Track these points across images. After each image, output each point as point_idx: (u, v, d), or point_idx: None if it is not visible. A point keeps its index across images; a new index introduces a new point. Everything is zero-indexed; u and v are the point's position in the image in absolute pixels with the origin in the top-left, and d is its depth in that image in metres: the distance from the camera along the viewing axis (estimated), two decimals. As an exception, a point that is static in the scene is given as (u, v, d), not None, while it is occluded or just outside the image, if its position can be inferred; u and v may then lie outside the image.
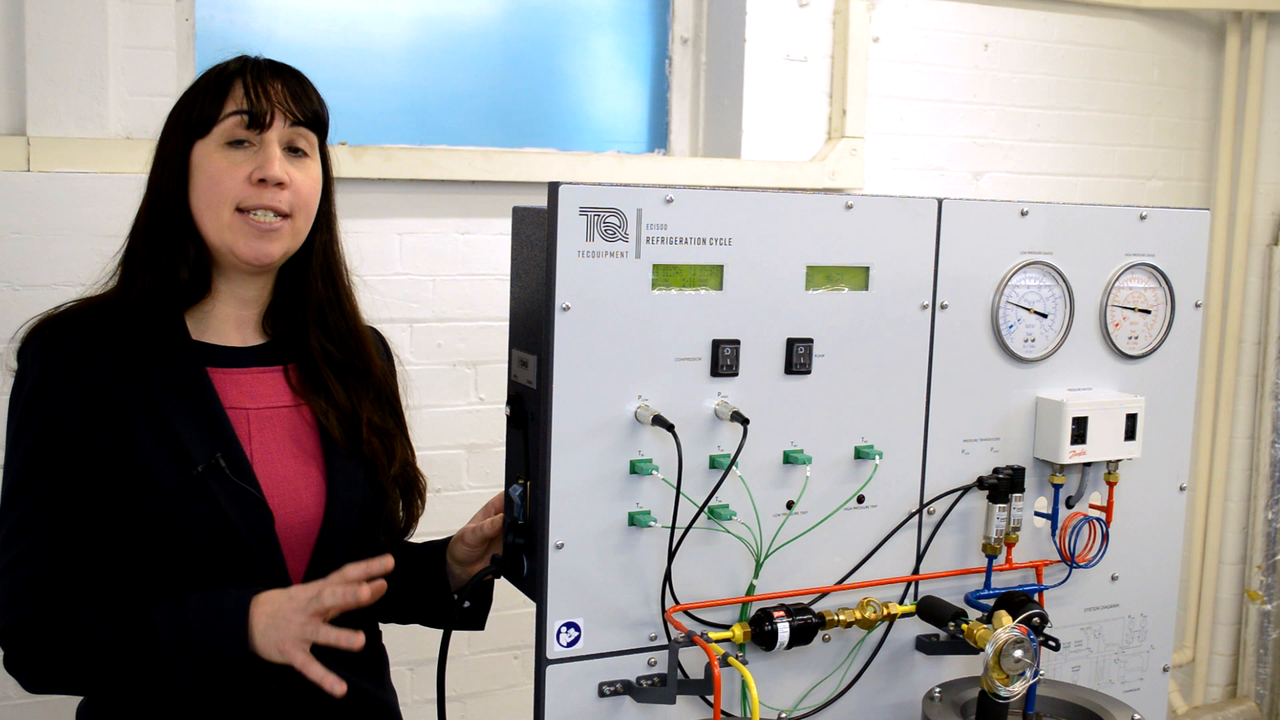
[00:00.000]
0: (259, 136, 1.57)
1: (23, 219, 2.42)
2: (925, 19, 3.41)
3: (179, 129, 1.60)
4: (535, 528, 1.42)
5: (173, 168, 1.59)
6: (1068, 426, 1.65)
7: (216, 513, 1.51)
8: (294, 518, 1.58)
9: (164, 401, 1.53)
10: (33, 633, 1.48)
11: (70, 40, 2.44)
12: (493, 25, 3.04)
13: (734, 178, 3.08)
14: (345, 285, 1.71)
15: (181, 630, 1.45)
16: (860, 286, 1.54)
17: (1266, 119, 3.90)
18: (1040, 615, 1.57)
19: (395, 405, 1.77)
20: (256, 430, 1.60)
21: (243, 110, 1.56)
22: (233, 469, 1.53)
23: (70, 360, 1.52)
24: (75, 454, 1.50)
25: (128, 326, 1.56)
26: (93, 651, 1.47)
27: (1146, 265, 1.74)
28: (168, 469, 1.51)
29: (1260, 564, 4.03)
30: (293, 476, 1.60)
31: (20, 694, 2.50)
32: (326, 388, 1.66)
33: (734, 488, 1.47)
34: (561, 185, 1.35)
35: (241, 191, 1.55)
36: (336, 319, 1.69)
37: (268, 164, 1.55)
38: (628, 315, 1.40)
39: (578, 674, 1.43)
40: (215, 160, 1.56)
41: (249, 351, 1.64)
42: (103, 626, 1.48)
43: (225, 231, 1.56)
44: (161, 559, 1.52)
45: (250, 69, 1.59)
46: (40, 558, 1.49)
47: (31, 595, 1.49)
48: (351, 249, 1.75)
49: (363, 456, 1.65)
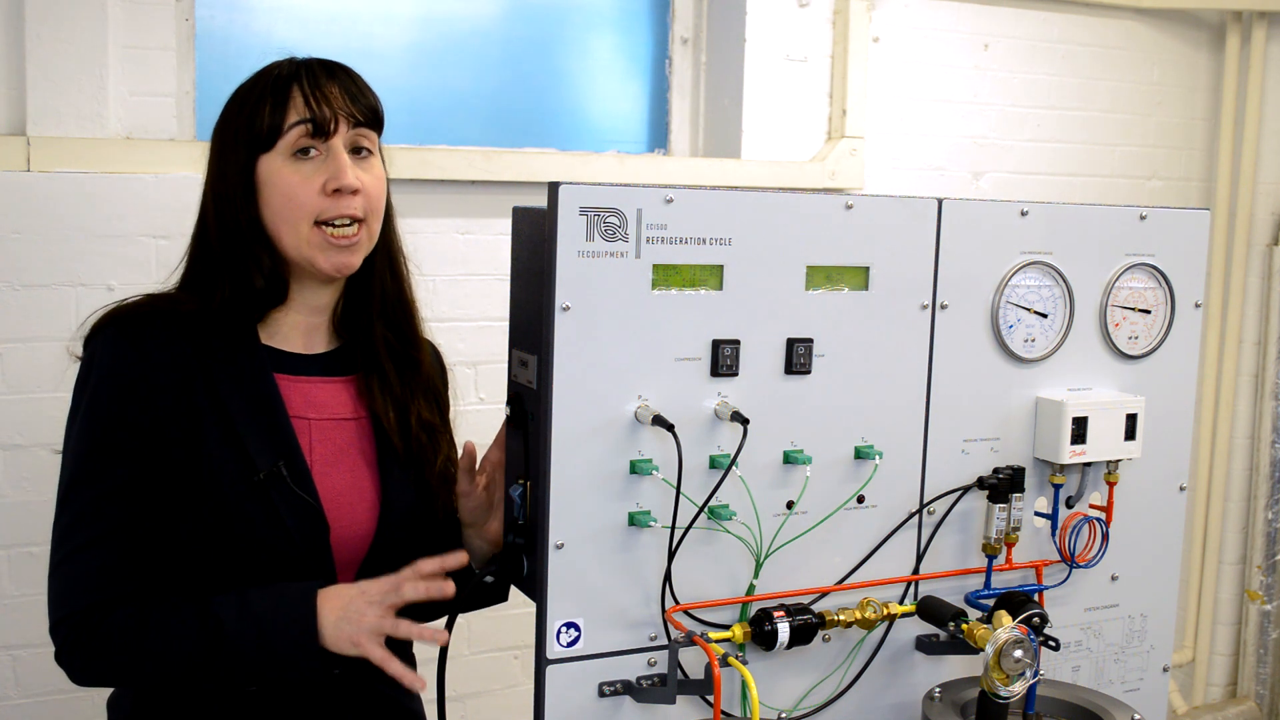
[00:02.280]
0: (325, 144, 1.55)
1: (23, 219, 2.43)
2: (925, 19, 3.41)
3: (239, 142, 1.57)
4: (535, 528, 1.42)
5: (237, 181, 1.57)
6: (1068, 426, 1.65)
7: (274, 520, 1.52)
8: (348, 531, 1.59)
9: (231, 405, 1.53)
10: (91, 625, 1.47)
11: (70, 40, 2.44)
12: (493, 25, 3.04)
13: (734, 178, 3.08)
14: (405, 275, 1.72)
15: (248, 622, 1.46)
16: (860, 286, 1.54)
17: (1266, 119, 3.90)
18: (1040, 615, 1.57)
19: (441, 402, 1.78)
20: (317, 441, 1.60)
21: (306, 119, 1.54)
22: (293, 478, 1.53)
23: (143, 354, 1.51)
24: (142, 447, 1.49)
25: (201, 328, 1.55)
26: (156, 644, 1.46)
27: (1146, 265, 1.74)
28: (230, 472, 1.51)
29: (1260, 564, 4.03)
30: (348, 490, 1.61)
31: (20, 694, 2.52)
32: (386, 379, 1.66)
33: (734, 488, 1.47)
34: (561, 185, 1.35)
35: (318, 204, 1.55)
36: (397, 309, 1.70)
37: (341, 173, 1.54)
38: (628, 315, 1.40)
39: (578, 674, 1.43)
40: (286, 175, 1.55)
41: (316, 360, 1.65)
42: (166, 620, 1.47)
43: (305, 247, 1.56)
44: (215, 560, 1.52)
45: (306, 74, 1.56)
46: (101, 551, 1.48)
47: (92, 587, 1.48)
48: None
49: (412, 455, 1.66)
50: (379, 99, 1.63)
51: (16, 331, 2.43)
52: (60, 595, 1.49)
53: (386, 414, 1.65)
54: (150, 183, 2.50)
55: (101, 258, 2.48)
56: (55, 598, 1.50)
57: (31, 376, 2.44)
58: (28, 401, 2.44)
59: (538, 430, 1.41)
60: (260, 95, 1.56)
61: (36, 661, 2.51)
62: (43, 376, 2.43)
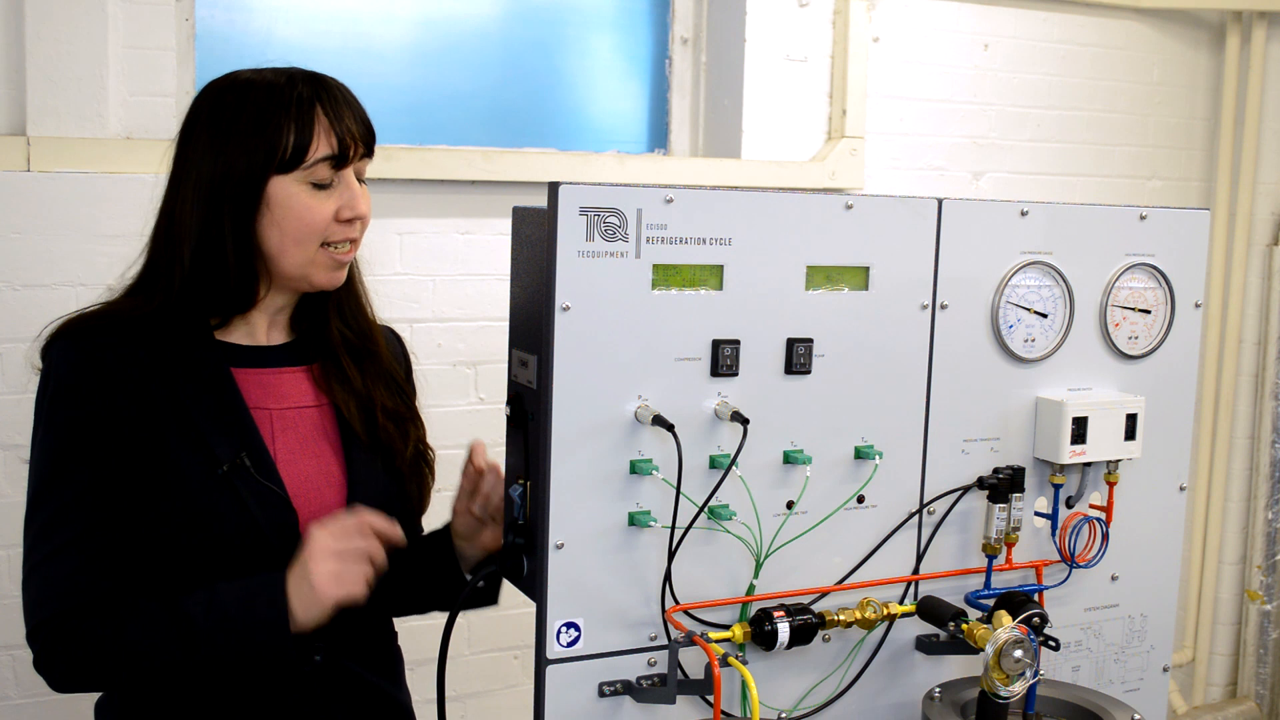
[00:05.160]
0: (339, 174, 1.58)
1: (23, 219, 2.43)
2: (925, 19, 3.41)
3: (256, 158, 1.54)
4: (535, 528, 1.42)
5: (240, 192, 1.54)
6: (1068, 426, 1.65)
7: (241, 511, 1.53)
8: (317, 516, 1.59)
9: (189, 401, 1.53)
10: (66, 630, 1.48)
11: (70, 40, 2.44)
12: (493, 25, 3.04)
13: (734, 178, 3.08)
14: (356, 270, 1.73)
15: (218, 616, 1.46)
16: (860, 286, 1.54)
17: (1266, 119, 3.90)
18: (1040, 615, 1.57)
19: (404, 389, 1.78)
20: (279, 430, 1.61)
21: (332, 155, 1.55)
22: (257, 468, 1.54)
23: (97, 360, 1.52)
24: (103, 452, 1.50)
25: (154, 329, 1.55)
26: (129, 646, 1.47)
27: (1146, 265, 1.74)
28: (194, 468, 1.52)
29: (1260, 564, 4.03)
30: (315, 475, 1.62)
31: (20, 694, 2.52)
32: (345, 374, 1.68)
33: (734, 488, 1.47)
34: (561, 185, 1.35)
35: (329, 229, 1.58)
36: (353, 306, 1.72)
37: (355, 203, 1.59)
38: (628, 315, 1.40)
39: (578, 674, 1.43)
40: (302, 199, 1.55)
41: (274, 351, 1.66)
42: (137, 621, 1.48)
43: (308, 266, 1.59)
44: (186, 557, 1.53)
45: (329, 101, 1.57)
46: (71, 555, 1.49)
47: (63, 592, 1.48)
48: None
49: (379, 444, 1.67)
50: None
51: (16, 331, 2.43)
52: (34, 603, 1.50)
53: (347, 404, 1.66)
54: (150, 183, 2.46)
55: (101, 258, 2.48)
56: (29, 605, 1.51)
57: (32, 376, 2.43)
58: (28, 401, 2.43)
59: (538, 430, 1.41)
60: (280, 113, 1.54)
61: (36, 661, 2.51)
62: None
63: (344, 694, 1.65)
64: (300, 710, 1.60)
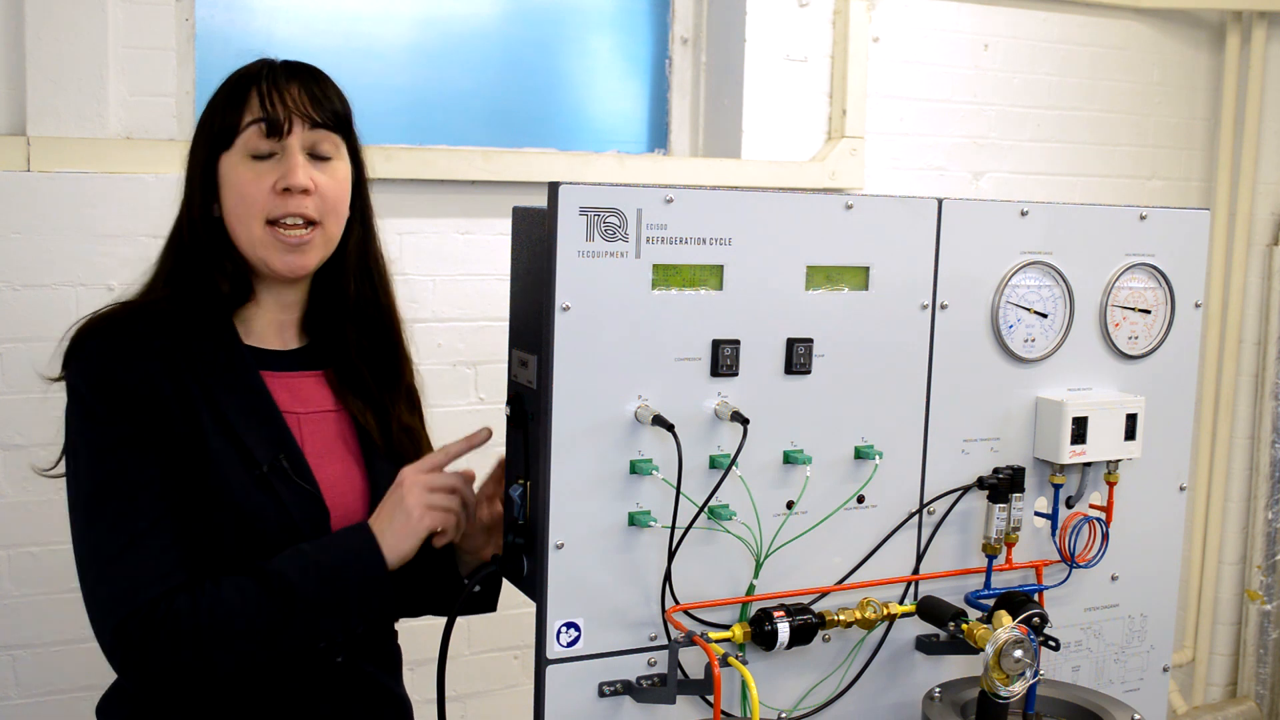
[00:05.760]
0: (281, 144, 1.56)
1: (23, 219, 2.43)
2: (925, 19, 3.41)
3: (203, 141, 1.59)
4: (535, 528, 1.42)
5: (200, 181, 1.59)
6: (1068, 426, 1.65)
7: (281, 511, 1.54)
8: (344, 518, 1.60)
9: (224, 402, 1.54)
10: (156, 619, 1.44)
11: (70, 40, 2.44)
12: (493, 25, 3.04)
13: (734, 178, 3.08)
14: (383, 282, 1.72)
15: (313, 572, 1.48)
16: (860, 286, 1.54)
17: (1266, 119, 3.90)
18: (1040, 615, 1.57)
19: (421, 412, 1.81)
20: (309, 434, 1.62)
21: (259, 119, 1.55)
22: (295, 470, 1.56)
23: (135, 356, 1.51)
24: (158, 438, 1.49)
25: (178, 329, 1.55)
26: (230, 618, 1.45)
27: (1146, 265, 1.74)
28: (234, 467, 1.52)
29: (1260, 564, 4.03)
30: (340, 479, 1.63)
31: (20, 694, 2.52)
32: (364, 385, 1.68)
33: (734, 488, 1.47)
34: (561, 185, 1.35)
35: (269, 203, 1.55)
36: (374, 315, 1.70)
37: (290, 173, 1.55)
38: (628, 315, 1.40)
39: (578, 674, 1.43)
40: (241, 173, 1.56)
41: (291, 355, 1.66)
42: (230, 595, 1.45)
43: (258, 246, 1.57)
44: (221, 553, 1.52)
45: (266, 74, 1.57)
46: (147, 547, 1.46)
47: (151, 579, 1.45)
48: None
49: (394, 453, 1.68)
50: (346, 102, 1.63)
51: (16, 331, 2.43)
52: (113, 600, 1.45)
53: (364, 413, 1.67)
54: (150, 183, 2.50)
55: (101, 258, 2.48)
56: (108, 602, 1.46)
57: (31, 376, 2.43)
58: (28, 401, 2.44)
59: (538, 430, 1.41)
60: (224, 95, 1.59)
61: (36, 661, 2.51)
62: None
63: (358, 693, 1.66)
64: (316, 709, 1.61)
